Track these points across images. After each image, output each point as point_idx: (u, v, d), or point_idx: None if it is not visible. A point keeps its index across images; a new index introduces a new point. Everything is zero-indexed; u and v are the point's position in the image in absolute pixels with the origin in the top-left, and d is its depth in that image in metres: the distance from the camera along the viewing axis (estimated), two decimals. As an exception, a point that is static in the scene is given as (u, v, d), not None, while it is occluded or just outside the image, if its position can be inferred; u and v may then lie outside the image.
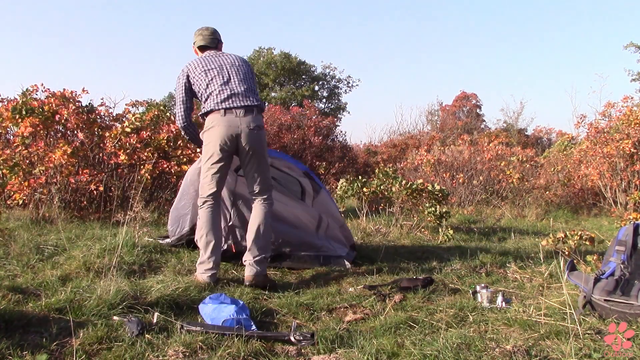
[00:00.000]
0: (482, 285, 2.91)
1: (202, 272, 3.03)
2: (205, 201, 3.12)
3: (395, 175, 5.90)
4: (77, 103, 5.76)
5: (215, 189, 3.12)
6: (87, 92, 5.93)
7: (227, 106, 3.07)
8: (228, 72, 3.19)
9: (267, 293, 2.95)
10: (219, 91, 3.11)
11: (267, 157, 3.27)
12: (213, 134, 3.07)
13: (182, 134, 3.55)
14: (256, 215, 3.16)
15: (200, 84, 3.17)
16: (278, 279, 3.32)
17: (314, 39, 40.49)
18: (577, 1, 39.18)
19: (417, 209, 5.48)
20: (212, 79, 3.15)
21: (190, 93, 3.25)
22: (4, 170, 4.96)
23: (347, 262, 3.69)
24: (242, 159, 3.16)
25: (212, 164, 3.10)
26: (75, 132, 5.62)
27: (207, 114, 3.14)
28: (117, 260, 2.99)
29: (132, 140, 5.53)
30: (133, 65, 41.15)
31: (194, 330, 2.17)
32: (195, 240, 3.29)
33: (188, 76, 3.21)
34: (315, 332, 2.20)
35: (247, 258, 3.07)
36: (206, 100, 3.16)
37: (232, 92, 3.11)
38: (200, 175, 3.19)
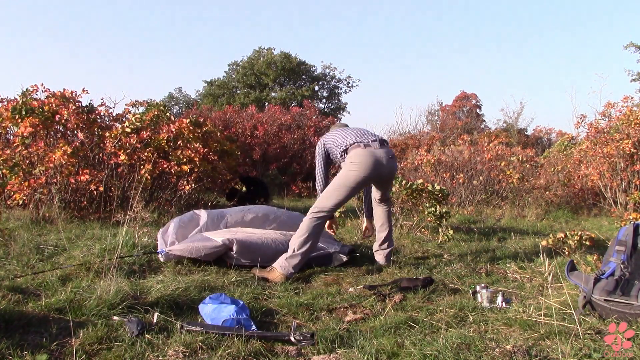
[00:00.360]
0: (482, 285, 2.91)
1: (287, 267, 3.26)
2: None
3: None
4: (77, 103, 5.76)
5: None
6: (87, 92, 5.93)
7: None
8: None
9: (267, 293, 2.95)
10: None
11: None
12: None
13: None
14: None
15: None
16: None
17: (314, 39, 40.48)
18: (577, 1, 39.19)
19: (417, 209, 5.48)
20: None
21: None
22: (4, 170, 4.96)
23: (343, 256, 3.73)
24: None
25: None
26: (75, 132, 5.62)
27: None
28: (117, 261, 2.99)
29: (132, 140, 5.54)
30: (133, 65, 41.12)
31: (194, 330, 2.17)
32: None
33: None
34: (315, 332, 2.20)
35: (383, 248, 3.82)
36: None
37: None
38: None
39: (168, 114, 6.55)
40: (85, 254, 3.47)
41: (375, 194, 3.87)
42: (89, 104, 6.04)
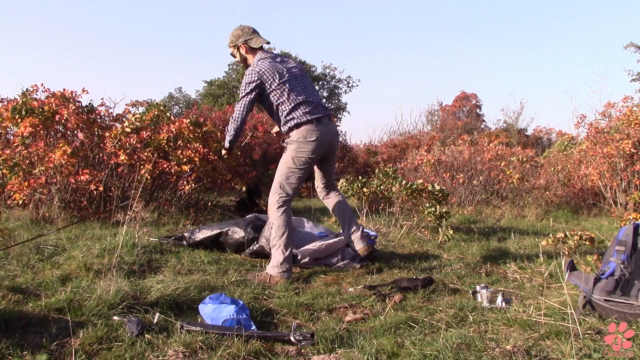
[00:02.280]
0: (482, 285, 2.91)
1: (282, 272, 3.20)
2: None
3: (395, 175, 5.90)
4: (77, 103, 5.75)
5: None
6: (87, 92, 5.93)
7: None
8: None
9: (267, 293, 2.95)
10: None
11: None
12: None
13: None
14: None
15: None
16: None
17: (314, 39, 40.48)
18: (577, 1, 39.20)
19: (417, 209, 5.47)
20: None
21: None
22: (4, 170, 4.96)
23: (356, 265, 3.71)
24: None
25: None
26: (75, 132, 5.62)
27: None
28: (117, 261, 2.99)
29: (132, 140, 5.53)
30: (133, 65, 41.14)
31: (194, 330, 2.17)
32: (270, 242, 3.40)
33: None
34: (315, 332, 2.20)
35: (356, 234, 3.59)
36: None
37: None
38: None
39: (168, 114, 6.54)
40: (85, 254, 3.47)
41: (320, 181, 3.67)
42: (89, 104, 6.03)
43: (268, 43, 3.38)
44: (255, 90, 3.23)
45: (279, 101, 3.26)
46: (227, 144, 3.42)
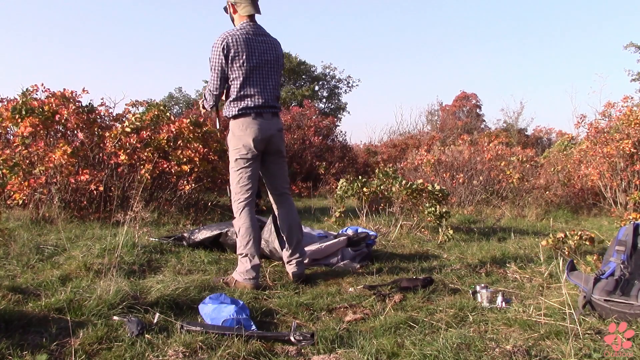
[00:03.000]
0: (482, 285, 2.91)
1: (247, 279, 3.02)
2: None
3: (395, 175, 5.90)
4: (77, 103, 5.76)
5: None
6: (87, 92, 5.93)
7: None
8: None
9: (267, 293, 2.95)
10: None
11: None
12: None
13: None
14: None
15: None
16: (277, 278, 3.32)
17: (314, 39, 40.49)
18: (577, 1, 39.21)
19: (417, 209, 5.47)
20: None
21: None
22: (4, 170, 4.96)
23: (356, 265, 3.71)
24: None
25: None
26: (75, 132, 5.62)
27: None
28: (117, 261, 2.99)
29: (132, 140, 5.53)
30: (133, 65, 41.14)
31: (194, 330, 2.17)
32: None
33: None
34: (315, 332, 2.20)
35: (291, 257, 3.25)
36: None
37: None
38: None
39: (168, 114, 6.55)
40: (85, 254, 3.48)
41: (267, 186, 3.40)
42: (89, 104, 6.03)
43: (258, 14, 3.16)
44: (224, 54, 2.98)
45: (232, 82, 3.05)
46: (207, 107, 3.21)
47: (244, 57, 3.00)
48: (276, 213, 3.39)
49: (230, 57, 3.00)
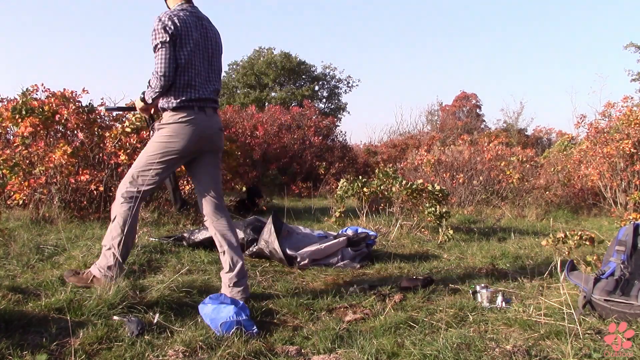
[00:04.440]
0: (482, 285, 2.92)
1: (106, 276, 2.63)
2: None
3: (395, 175, 5.89)
4: (77, 103, 5.75)
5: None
6: (87, 92, 5.92)
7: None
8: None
9: (267, 293, 2.95)
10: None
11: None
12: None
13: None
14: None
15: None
16: (277, 277, 3.32)
17: (314, 39, 40.50)
18: (577, 1, 39.21)
19: (417, 209, 5.47)
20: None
21: None
22: (4, 170, 4.96)
23: (356, 265, 3.73)
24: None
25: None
26: (75, 132, 5.61)
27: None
28: (117, 261, 2.98)
29: (132, 140, 5.53)
30: (133, 65, 41.16)
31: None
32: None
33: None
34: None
35: (229, 276, 2.70)
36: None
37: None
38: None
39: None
40: (85, 254, 3.48)
41: (204, 190, 2.79)
42: (89, 103, 6.02)
43: None
44: (172, 39, 2.52)
45: (177, 66, 2.58)
46: (148, 99, 2.64)
47: (190, 41, 2.58)
48: (214, 228, 2.76)
49: (176, 39, 2.54)
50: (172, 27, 2.52)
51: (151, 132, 2.78)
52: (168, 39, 2.51)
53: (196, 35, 2.63)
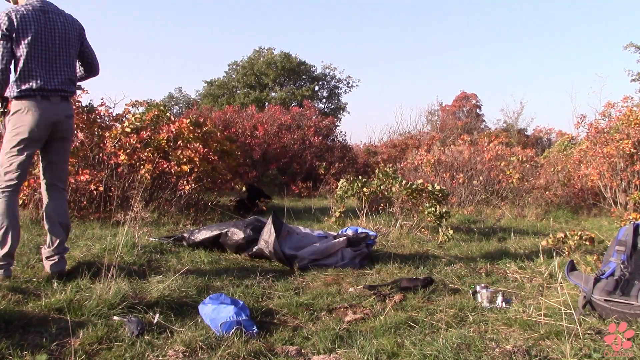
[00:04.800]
0: (482, 285, 2.92)
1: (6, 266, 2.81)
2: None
3: (395, 175, 5.89)
4: (77, 103, 5.75)
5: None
6: (87, 92, 5.95)
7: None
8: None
9: (267, 293, 2.95)
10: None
11: None
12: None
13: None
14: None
15: None
16: (277, 277, 3.32)
17: (314, 39, 40.51)
18: (577, 1, 39.22)
19: (417, 209, 5.47)
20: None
21: None
22: (4, 170, 4.96)
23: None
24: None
25: None
26: (75, 132, 5.61)
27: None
28: (117, 261, 2.99)
29: (132, 140, 5.53)
30: (133, 65, 41.15)
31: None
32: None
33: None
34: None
35: (48, 250, 2.98)
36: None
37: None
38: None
39: (168, 114, 6.55)
40: (85, 254, 3.47)
41: (42, 172, 3.05)
42: (89, 104, 6.03)
43: None
44: (8, 35, 2.73)
45: (17, 60, 2.80)
46: None
47: (30, 34, 2.78)
48: (44, 205, 3.07)
49: (14, 34, 2.75)
50: (7, 23, 2.75)
51: (2, 124, 2.99)
52: (4, 37, 2.75)
53: (36, 28, 2.82)
